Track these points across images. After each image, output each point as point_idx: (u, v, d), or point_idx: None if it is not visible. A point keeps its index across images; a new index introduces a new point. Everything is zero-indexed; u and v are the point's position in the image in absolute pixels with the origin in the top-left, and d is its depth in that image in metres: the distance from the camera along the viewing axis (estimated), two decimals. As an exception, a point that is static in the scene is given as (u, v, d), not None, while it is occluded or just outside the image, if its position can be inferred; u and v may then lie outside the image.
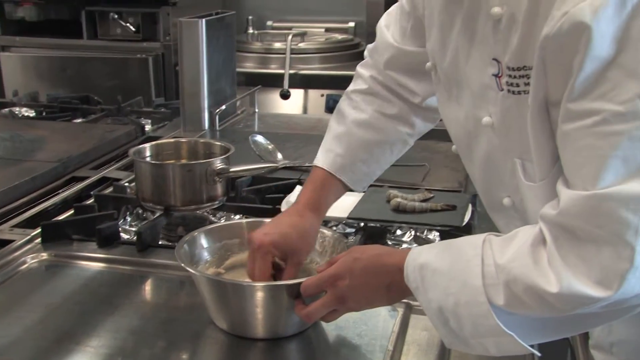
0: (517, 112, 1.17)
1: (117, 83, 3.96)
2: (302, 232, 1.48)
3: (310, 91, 4.03)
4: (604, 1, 0.97)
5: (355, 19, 4.75)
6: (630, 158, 1.00)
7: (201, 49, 2.67)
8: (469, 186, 2.09)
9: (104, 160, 2.39)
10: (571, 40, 1.00)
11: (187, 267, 1.38)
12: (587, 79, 1.01)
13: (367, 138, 1.61)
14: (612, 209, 1.01)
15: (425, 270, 1.19)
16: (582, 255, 1.03)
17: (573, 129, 1.04)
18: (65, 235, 1.76)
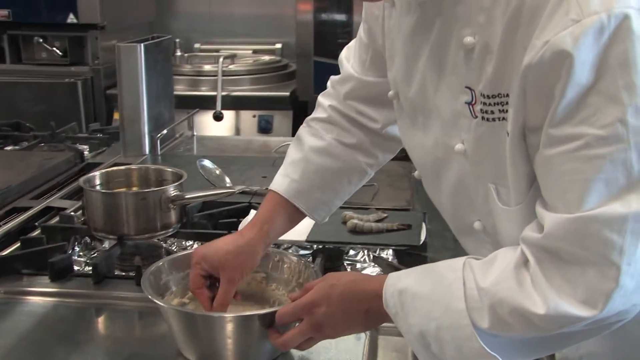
0: (492, 138, 1.17)
1: (45, 108, 3.86)
2: (237, 250, 1.46)
3: (242, 112, 4.02)
4: (584, 30, 0.97)
5: (281, 41, 4.78)
6: (612, 180, 1.00)
7: (140, 74, 2.60)
8: (415, 204, 2.09)
9: (44, 188, 2.31)
10: (553, 68, 1.00)
11: (155, 299, 1.33)
12: (568, 105, 1.00)
13: (324, 165, 1.58)
14: (597, 230, 1.01)
15: (405, 296, 1.18)
16: (567, 277, 1.03)
17: (555, 153, 1.04)
18: (14, 270, 1.69)
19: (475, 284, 1.10)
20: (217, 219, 1.96)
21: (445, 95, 1.23)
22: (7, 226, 1.95)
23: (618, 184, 1.00)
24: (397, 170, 2.40)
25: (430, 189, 1.43)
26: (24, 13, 3.96)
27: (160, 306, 1.33)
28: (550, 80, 1.01)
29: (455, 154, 1.23)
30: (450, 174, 1.29)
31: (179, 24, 4.87)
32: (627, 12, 0.97)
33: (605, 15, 0.97)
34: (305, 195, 1.56)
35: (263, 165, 2.45)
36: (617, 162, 0.99)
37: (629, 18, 0.97)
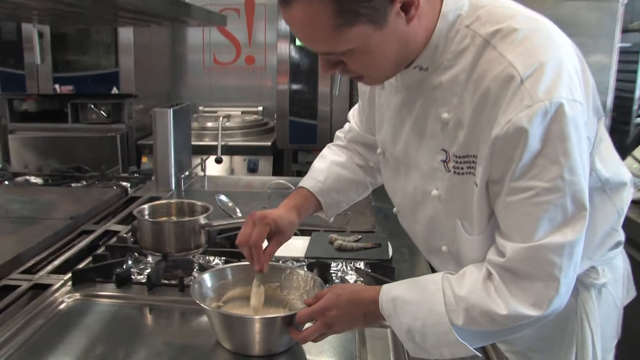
0: (461, 187, 1.17)
1: (94, 155, 3.78)
2: (289, 222, 1.43)
3: (235, 157, 3.97)
4: (535, 112, 0.99)
5: (262, 104, 4.75)
6: (554, 218, 1.03)
7: (169, 130, 2.55)
8: (377, 226, 2.08)
9: (102, 216, 2.25)
10: (514, 139, 1.02)
11: (202, 304, 1.29)
12: (524, 166, 1.02)
13: (342, 174, 1.57)
14: (545, 254, 1.04)
15: (397, 302, 1.17)
16: (522, 287, 1.06)
17: (514, 200, 1.05)
18: (90, 278, 1.64)
19: (452, 292, 1.11)
20: (233, 240, 1.88)
21: (424, 154, 1.23)
22: (80, 245, 1.90)
23: (558, 221, 1.03)
24: (362, 202, 2.36)
25: (406, 222, 1.42)
26: (82, 88, 3.91)
27: (205, 309, 1.30)
28: (511, 147, 1.02)
29: (431, 197, 1.23)
30: (426, 211, 1.28)
31: (188, 92, 4.82)
32: (561, 101, 1.00)
33: (548, 103, 0.99)
34: (326, 193, 1.54)
35: (261, 198, 2.42)
36: (557, 205, 1.02)
37: (563, 105, 1.00)
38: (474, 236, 1.18)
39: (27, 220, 2.04)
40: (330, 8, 0.99)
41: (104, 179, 2.79)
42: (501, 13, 1.10)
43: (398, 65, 1.15)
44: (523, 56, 1.03)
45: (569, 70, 1.04)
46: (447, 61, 1.13)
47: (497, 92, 1.04)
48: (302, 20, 1.03)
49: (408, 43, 1.10)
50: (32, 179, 2.75)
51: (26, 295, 1.56)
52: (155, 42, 4.35)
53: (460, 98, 1.11)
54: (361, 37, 1.04)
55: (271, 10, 4.58)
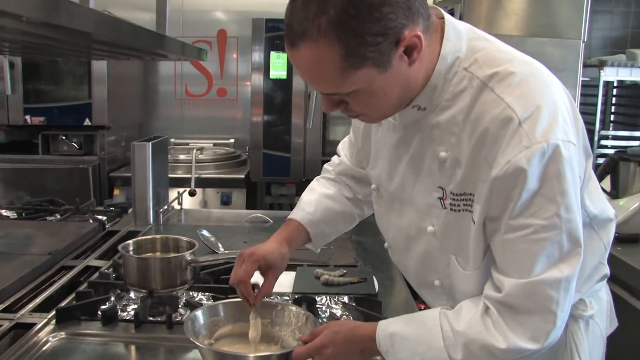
0: (456, 223, 1.18)
1: (65, 187, 3.72)
2: (279, 255, 1.45)
3: (208, 189, 3.93)
4: (533, 153, 1.03)
5: (234, 136, 4.74)
6: (551, 255, 1.06)
7: (148, 164, 2.52)
8: (359, 260, 2.08)
9: (81, 250, 2.19)
10: (513, 179, 1.04)
11: (196, 342, 1.27)
12: (522, 204, 1.05)
13: (331, 206, 1.59)
14: (542, 289, 1.06)
15: (395, 338, 1.18)
16: (519, 322, 1.08)
17: (512, 237, 1.08)
18: (74, 317, 1.59)
19: (450, 327, 1.12)
20: (217, 275, 1.88)
21: (421, 191, 1.24)
22: (61, 281, 1.85)
23: (555, 257, 1.06)
24: (342, 236, 2.35)
25: (397, 257, 1.42)
26: (53, 119, 3.84)
27: (199, 347, 1.27)
28: (510, 186, 1.05)
29: (426, 233, 1.24)
30: (420, 247, 1.29)
31: (160, 124, 4.79)
32: (557, 143, 1.03)
33: (545, 144, 1.02)
34: (316, 225, 1.56)
35: (241, 232, 2.40)
36: (554, 242, 1.05)
37: (559, 146, 1.03)
38: (469, 272, 1.19)
39: (3, 256, 1.98)
40: (337, 52, 1.01)
41: (79, 212, 2.74)
42: (498, 57, 1.13)
43: (399, 106, 1.17)
44: (520, 99, 1.06)
45: (563, 113, 1.08)
46: (445, 101, 1.15)
47: (496, 132, 1.07)
48: (309, 62, 1.04)
49: (409, 84, 1.12)
50: (4, 212, 2.68)
51: (8, 335, 1.51)
52: (127, 73, 4.32)
53: (458, 137, 1.13)
54: (366, 80, 1.06)
55: (243, 42, 4.60)
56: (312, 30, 1.00)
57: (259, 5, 4.52)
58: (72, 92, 3.86)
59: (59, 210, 2.75)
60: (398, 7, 1.00)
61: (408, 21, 1.03)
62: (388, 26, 1.00)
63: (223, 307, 1.45)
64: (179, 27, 4.53)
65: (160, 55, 2.33)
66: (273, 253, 1.44)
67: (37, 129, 3.86)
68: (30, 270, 1.84)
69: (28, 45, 1.80)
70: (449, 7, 3.73)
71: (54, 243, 2.12)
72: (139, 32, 1.62)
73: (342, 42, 1.00)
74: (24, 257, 1.97)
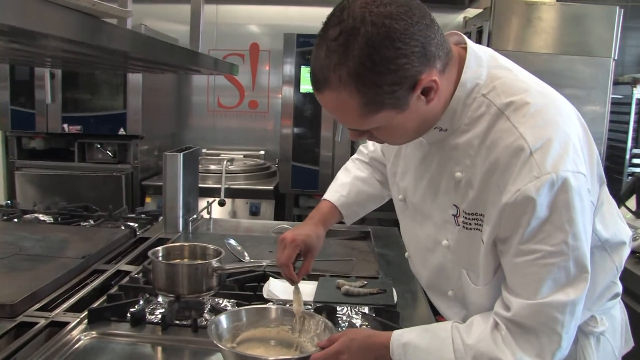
0: (468, 241, 1.25)
1: (99, 194, 3.87)
2: (318, 237, 1.61)
3: (238, 200, 4.03)
4: (542, 184, 1.07)
5: (265, 148, 4.85)
6: (558, 279, 1.10)
7: (179, 174, 2.62)
8: (380, 272, 2.13)
9: (112, 255, 2.29)
10: (522, 206, 1.10)
11: (219, 344, 1.34)
12: (532, 231, 1.10)
13: (363, 189, 1.73)
14: (547, 311, 1.11)
15: (408, 347, 1.23)
16: (527, 339, 1.12)
17: (522, 261, 1.13)
18: (105, 317, 1.67)
19: (461, 340, 1.17)
20: (242, 283, 1.95)
21: (438, 207, 1.31)
22: (94, 284, 1.94)
23: (561, 281, 1.10)
24: (364, 248, 2.45)
25: (416, 266, 1.50)
26: (90, 128, 3.99)
27: (222, 349, 1.34)
28: (519, 213, 1.10)
29: (441, 246, 1.31)
30: (436, 259, 1.36)
31: (192, 134, 4.93)
32: (567, 175, 1.08)
33: (555, 175, 1.07)
34: (348, 206, 1.70)
35: (267, 243, 2.47)
36: (561, 267, 1.09)
37: (569, 178, 1.08)
38: (480, 286, 1.25)
39: (41, 258, 2.08)
40: (356, 100, 1.10)
41: (112, 219, 2.84)
42: (516, 86, 1.19)
43: (419, 134, 1.26)
44: (533, 130, 1.12)
45: (574, 144, 1.13)
46: (464, 125, 1.22)
47: (508, 160, 1.13)
48: (332, 105, 1.14)
49: (428, 117, 1.20)
50: (41, 216, 2.80)
51: (43, 332, 1.59)
52: (162, 84, 4.45)
53: (473, 160, 1.20)
54: (385, 119, 1.15)
55: (275, 55, 4.71)
56: (334, 80, 1.08)
57: (291, 19, 4.64)
58: (108, 102, 4.01)
59: (92, 216, 2.86)
60: (413, 57, 1.07)
61: (424, 67, 1.09)
62: (404, 75, 1.07)
63: (245, 313, 1.52)
64: (213, 39, 4.66)
65: (194, 70, 2.43)
66: (311, 237, 1.59)
67: (74, 137, 4.01)
68: (65, 273, 1.94)
69: (68, 60, 1.91)
70: (477, 24, 3.78)
71: (88, 247, 2.22)
72: (173, 50, 1.71)
73: (361, 92, 1.08)
74: (59, 260, 2.06)
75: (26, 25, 0.92)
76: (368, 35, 1.04)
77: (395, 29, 1.04)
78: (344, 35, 1.05)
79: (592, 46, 3.77)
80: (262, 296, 1.81)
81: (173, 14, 4.64)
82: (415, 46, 1.06)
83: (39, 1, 0.92)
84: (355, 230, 2.80)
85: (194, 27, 2.24)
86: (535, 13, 3.73)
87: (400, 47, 1.05)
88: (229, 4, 4.74)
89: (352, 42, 1.05)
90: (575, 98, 3.75)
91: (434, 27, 1.11)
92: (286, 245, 1.54)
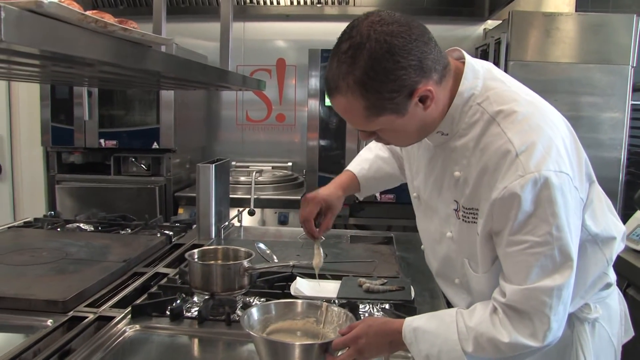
0: (467, 232, 1.41)
1: (134, 205, 4.07)
2: (337, 197, 1.89)
3: (267, 210, 4.18)
4: (526, 181, 1.23)
5: (292, 160, 5.00)
6: (545, 266, 1.25)
7: (211, 184, 2.79)
8: (401, 272, 2.27)
9: (150, 260, 2.47)
10: (509, 202, 1.26)
11: (251, 332, 1.49)
12: (519, 223, 1.26)
13: (383, 167, 1.96)
14: (536, 295, 1.25)
15: (418, 331, 1.38)
16: (521, 322, 1.27)
17: (512, 250, 1.28)
18: (147, 313, 1.84)
19: (464, 323, 1.32)
20: (271, 283, 2.11)
21: (443, 202, 1.48)
22: (135, 284, 2.12)
23: (548, 268, 1.25)
24: (386, 252, 2.60)
25: (428, 257, 1.68)
26: (125, 142, 4.22)
27: (253, 336, 1.49)
28: (507, 208, 1.26)
29: (446, 238, 1.49)
30: (442, 249, 1.53)
31: (221, 147, 5.11)
32: (549, 174, 1.23)
33: (537, 174, 1.23)
34: (367, 179, 1.95)
35: (294, 247, 2.62)
36: (547, 256, 1.24)
37: (550, 176, 1.23)
38: (480, 274, 1.42)
39: (85, 262, 2.27)
40: (361, 104, 1.28)
41: (148, 227, 3.03)
42: (506, 96, 1.36)
43: (420, 137, 1.44)
44: (519, 134, 1.29)
45: (557, 147, 1.29)
46: (462, 130, 1.39)
47: (497, 161, 1.30)
48: (341, 108, 1.33)
49: (427, 122, 1.37)
50: (83, 225, 3.01)
51: (92, 325, 1.78)
52: (192, 100, 4.65)
53: (469, 161, 1.37)
54: (387, 122, 1.33)
55: (301, 70, 4.88)
56: (342, 87, 1.27)
57: (315, 34, 4.81)
58: (142, 117, 4.23)
59: (130, 225, 3.06)
60: (411, 69, 1.24)
61: (420, 78, 1.27)
62: (402, 84, 1.25)
63: (274, 306, 1.68)
64: (241, 55, 4.86)
65: (224, 87, 2.61)
66: (332, 196, 1.86)
67: (110, 151, 4.24)
68: (109, 274, 2.13)
69: (104, 80, 2.11)
70: (495, 36, 3.92)
71: (128, 252, 2.41)
72: (205, 69, 1.89)
73: (365, 97, 1.26)
74: (102, 264, 2.26)
75: (84, 54, 1.10)
76: (372, 50, 1.22)
77: (395, 45, 1.22)
78: (352, 49, 1.24)
79: (610, 54, 3.88)
80: (289, 294, 1.96)
81: (201, 32, 4.86)
82: (412, 60, 1.24)
83: (96, 34, 1.11)
84: (379, 236, 2.95)
85: (223, 46, 2.43)
86: (553, 24, 3.86)
87: (399, 61, 1.22)
88: (256, 21, 4.94)
89: (359, 55, 1.23)
90: (594, 105, 3.90)
91: (431, 44, 1.28)
92: (309, 202, 1.81)
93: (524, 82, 1.47)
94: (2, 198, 4.66)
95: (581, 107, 3.87)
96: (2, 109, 4.59)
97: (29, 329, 1.73)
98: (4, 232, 2.81)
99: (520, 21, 3.83)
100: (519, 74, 3.70)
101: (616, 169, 3.82)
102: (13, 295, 1.86)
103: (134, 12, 4.62)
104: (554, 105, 1.43)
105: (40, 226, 2.98)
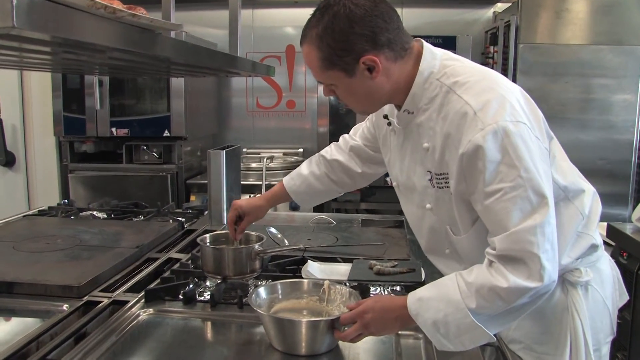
0: (443, 199, 1.53)
1: (146, 193, 4.11)
2: (256, 207, 2.12)
3: (278, 195, 4.19)
4: (487, 132, 1.35)
5: (302, 146, 5.04)
6: (523, 208, 1.34)
7: (222, 170, 2.82)
8: (411, 255, 2.29)
9: (163, 245, 2.50)
10: (474, 155, 1.37)
11: (259, 310, 1.54)
12: (490, 174, 1.35)
13: (314, 185, 2.14)
14: (522, 236, 1.33)
15: (422, 300, 1.43)
16: (515, 267, 1.33)
17: (490, 201, 1.37)
18: (160, 297, 1.87)
19: (464, 282, 1.39)
20: (283, 267, 2.13)
21: (418, 177, 1.59)
22: (148, 269, 2.16)
23: (527, 209, 1.33)
24: (397, 235, 2.62)
25: (417, 234, 1.76)
26: (136, 131, 4.27)
27: (261, 314, 1.54)
28: (474, 160, 1.37)
29: (427, 210, 1.59)
30: (425, 223, 1.64)
31: (232, 134, 5.16)
32: (506, 123, 1.35)
33: (495, 125, 1.35)
34: (297, 194, 2.16)
35: (306, 231, 2.65)
36: (523, 198, 1.33)
37: (507, 126, 1.35)
38: (461, 236, 1.53)
39: (99, 249, 2.31)
40: (317, 55, 1.48)
41: (160, 214, 3.06)
42: (461, 70, 1.50)
43: (370, 105, 1.59)
44: (475, 96, 1.42)
45: (511, 102, 1.40)
46: (424, 105, 1.52)
47: (458, 123, 1.41)
48: (305, 56, 1.53)
49: (374, 92, 1.52)
50: (96, 213, 3.05)
51: (107, 309, 1.81)
52: (203, 87, 4.69)
53: (434, 130, 1.49)
54: (337, 78, 1.50)
55: (311, 57, 4.88)
56: (307, 37, 1.49)
57: (325, 21, 4.81)
58: (153, 106, 4.27)
59: (142, 212, 3.10)
60: (363, 37, 1.42)
61: (370, 48, 1.44)
62: (351, 48, 1.43)
63: (280, 286, 1.72)
64: (250, 42, 4.88)
65: (233, 73, 2.64)
66: (251, 205, 2.09)
67: (122, 140, 4.29)
68: (122, 260, 2.16)
69: (115, 67, 2.13)
70: (505, 19, 3.91)
71: (140, 238, 2.44)
72: (214, 55, 1.91)
73: (320, 49, 1.46)
74: (116, 250, 2.29)
75: (94, 40, 1.12)
76: (335, 12, 1.43)
77: (356, 14, 1.42)
78: (323, 9, 1.46)
79: (621, 35, 3.86)
80: (301, 277, 1.98)
81: (210, 20, 4.88)
82: (366, 30, 1.42)
83: (106, 20, 1.13)
84: (389, 220, 2.97)
85: (232, 33, 2.45)
86: (563, 5, 3.84)
87: (353, 27, 1.42)
88: (265, 7, 4.95)
89: (325, 14, 1.44)
90: (606, 87, 3.88)
91: (391, 25, 1.46)
92: (231, 208, 2.06)
93: (534, 65, 1.59)
94: (17, 187, 4.73)
95: (592, 89, 3.85)
96: (15, 100, 4.65)
97: (45, 314, 1.77)
98: (19, 221, 2.85)
99: (529, 3, 3.82)
100: (529, 57, 3.70)
101: (628, 151, 3.80)
102: (30, 281, 1.90)
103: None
104: (565, 87, 1.52)
105: (55, 214, 3.02)
